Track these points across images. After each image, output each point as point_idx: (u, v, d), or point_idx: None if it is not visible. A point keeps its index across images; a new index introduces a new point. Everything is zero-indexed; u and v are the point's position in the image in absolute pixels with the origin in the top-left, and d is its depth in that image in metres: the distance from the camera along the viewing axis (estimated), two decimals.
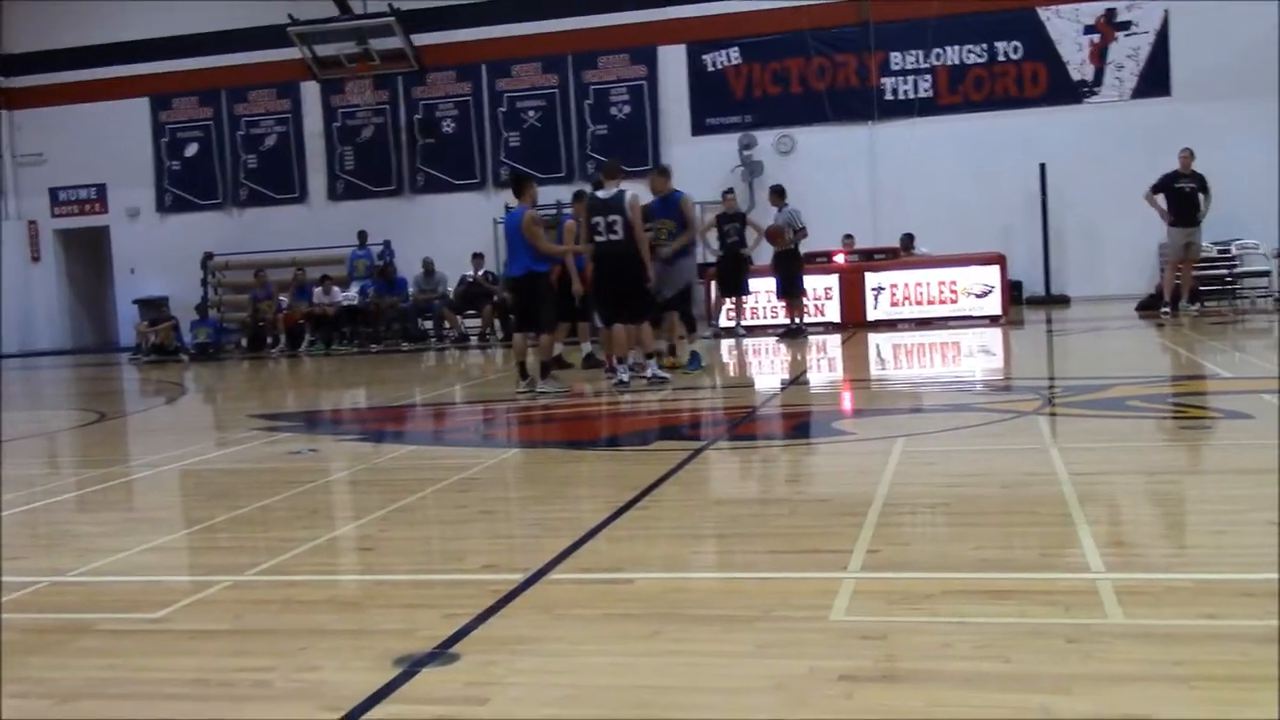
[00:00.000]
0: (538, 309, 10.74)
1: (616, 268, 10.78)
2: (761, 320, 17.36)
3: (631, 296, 10.87)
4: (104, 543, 5.51)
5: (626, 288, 10.83)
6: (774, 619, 3.69)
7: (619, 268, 10.77)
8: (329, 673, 3.44)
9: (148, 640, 3.89)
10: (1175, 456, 6.58)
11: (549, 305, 10.89)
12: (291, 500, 6.32)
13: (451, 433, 9.56)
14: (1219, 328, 14.39)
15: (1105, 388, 9.10)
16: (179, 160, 24.20)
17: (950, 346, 14.32)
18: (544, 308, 10.78)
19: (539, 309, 10.75)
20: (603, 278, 11.01)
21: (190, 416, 12.64)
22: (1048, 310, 18.63)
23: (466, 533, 5.41)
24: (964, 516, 5.10)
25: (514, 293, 11.09)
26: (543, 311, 10.77)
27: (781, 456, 7.47)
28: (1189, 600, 3.68)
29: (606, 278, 10.96)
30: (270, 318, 20.73)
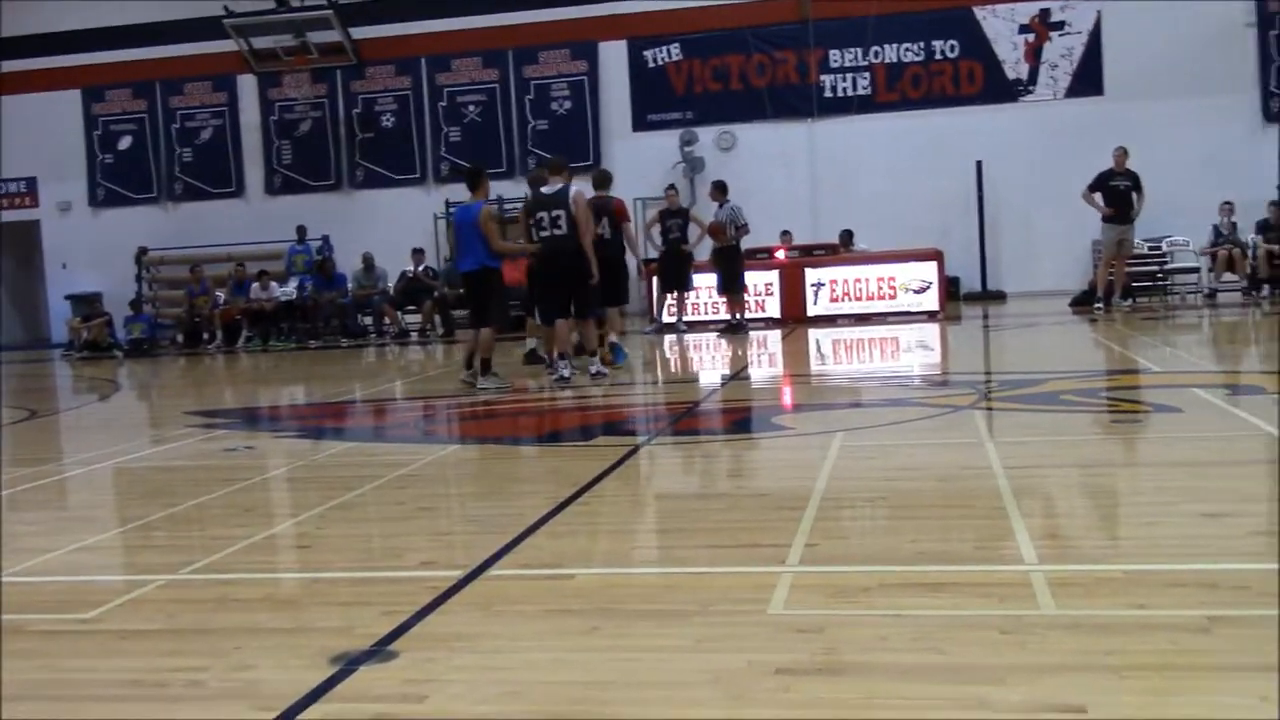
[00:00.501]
0: (488, 304, 10.70)
1: (561, 263, 10.76)
2: (703, 316, 17.41)
3: (579, 291, 10.87)
4: (35, 542, 5.42)
5: (571, 283, 10.82)
6: (712, 613, 3.71)
7: (564, 263, 10.75)
8: (264, 672, 3.41)
9: (80, 641, 3.83)
10: (1107, 450, 6.69)
11: (499, 300, 10.86)
12: (228, 498, 6.25)
13: (391, 429, 9.50)
14: (1150, 323, 14.64)
15: (1040, 382, 9.23)
16: (112, 153, 23.81)
17: (889, 342, 14.45)
18: (494, 302, 10.74)
19: (489, 304, 10.70)
20: (547, 273, 10.96)
21: (124, 414, 12.45)
22: (984, 306, 18.85)
23: (405, 529, 5.38)
24: (901, 510, 5.16)
25: (466, 288, 11.00)
26: (492, 306, 10.73)
27: (721, 452, 7.50)
28: (1120, 591, 3.75)
29: (551, 273, 10.92)
30: (206, 313, 20.47)
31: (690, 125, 21.28)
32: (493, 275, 10.65)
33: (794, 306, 17.33)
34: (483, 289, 10.66)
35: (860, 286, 17.29)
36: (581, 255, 10.76)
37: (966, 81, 20.63)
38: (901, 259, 17.41)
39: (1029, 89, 20.46)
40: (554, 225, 10.67)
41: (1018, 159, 20.01)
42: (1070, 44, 20.25)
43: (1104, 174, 16.15)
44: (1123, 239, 16.10)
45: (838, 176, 20.69)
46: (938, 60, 20.69)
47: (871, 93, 20.90)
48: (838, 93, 21.00)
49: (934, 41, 20.68)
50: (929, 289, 17.06)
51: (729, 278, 16.08)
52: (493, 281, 10.67)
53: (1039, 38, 20.35)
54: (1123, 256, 16.33)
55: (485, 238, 10.47)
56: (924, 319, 16.67)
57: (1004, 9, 20.42)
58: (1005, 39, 20.45)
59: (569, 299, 10.88)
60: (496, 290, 10.74)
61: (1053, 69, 20.34)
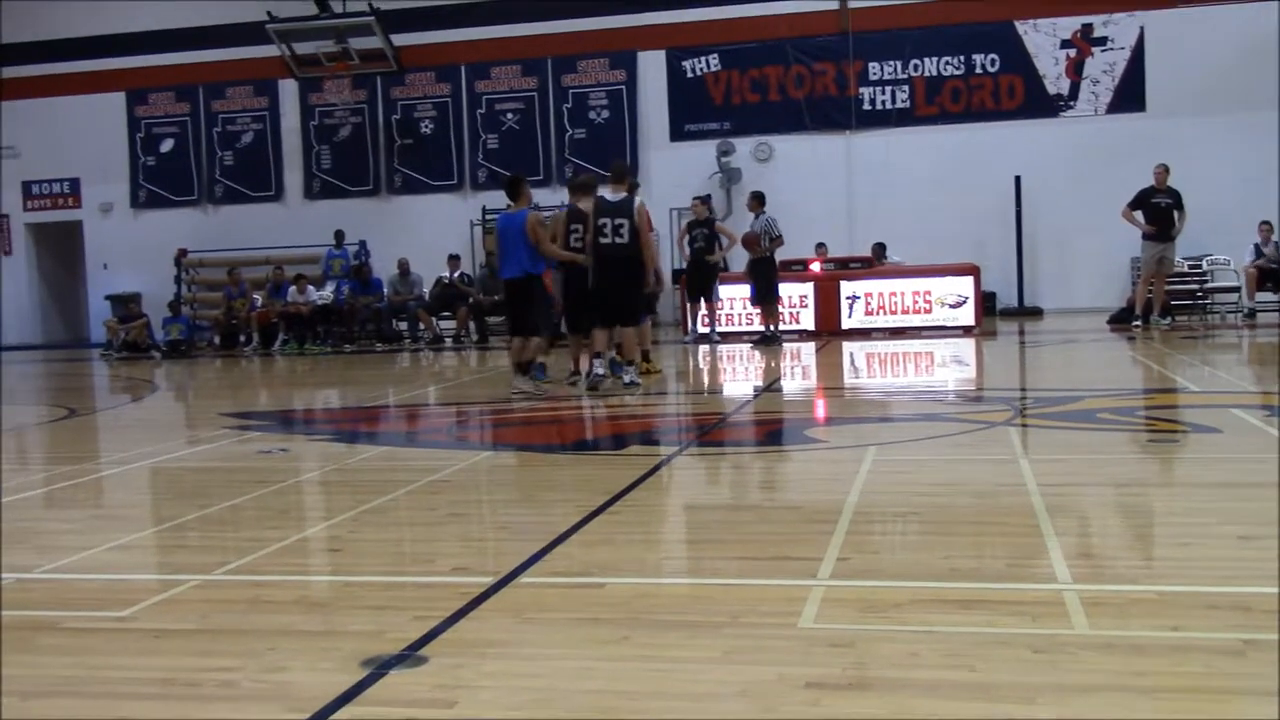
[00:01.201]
0: (531, 311, 10.75)
1: (618, 271, 10.79)
2: (737, 327, 17.39)
3: (628, 300, 10.91)
4: (71, 540, 5.47)
5: (624, 292, 10.86)
6: (742, 625, 3.70)
7: (620, 271, 10.78)
8: (296, 674, 3.43)
9: (113, 639, 3.87)
10: (1143, 469, 6.63)
11: (542, 308, 10.89)
12: (261, 500, 6.30)
13: (424, 434, 9.54)
14: (1189, 342, 14.50)
15: (1076, 400, 9.16)
16: (154, 156, 24.07)
17: (923, 356, 14.38)
18: (537, 309, 10.78)
19: (532, 311, 10.75)
20: (602, 280, 10.96)
21: (161, 414, 12.56)
22: (1021, 322, 18.74)
23: (437, 535, 5.40)
24: (934, 526, 5.13)
25: (508, 294, 11.02)
26: (535, 314, 10.78)
27: (753, 463, 7.49)
28: (1154, 612, 3.72)
29: (606, 280, 10.92)
30: (243, 316, 20.62)
31: (728, 136, 21.29)
32: (535, 282, 10.71)
33: (828, 319, 17.27)
34: (525, 296, 10.71)
35: (895, 300, 17.22)
36: (637, 264, 10.81)
37: (1006, 96, 20.53)
38: (937, 273, 17.32)
39: (1070, 104, 20.35)
40: (616, 233, 10.68)
41: (1057, 175, 19.89)
42: (1112, 59, 20.13)
43: (1145, 191, 16.02)
44: (1163, 257, 15.96)
45: (875, 189, 20.64)
46: (978, 74, 20.61)
47: (910, 106, 20.84)
48: (876, 105, 20.96)
49: (974, 55, 20.60)
50: (965, 304, 16.96)
51: (763, 289, 16.05)
52: (535, 289, 10.72)
53: (1081, 53, 20.24)
54: (1162, 274, 16.19)
55: (530, 244, 10.54)
56: (959, 334, 16.58)
57: (1046, 23, 20.32)
58: (1047, 54, 20.35)
59: (615, 307, 10.89)
60: (539, 297, 10.79)
61: (1094, 84, 20.22)
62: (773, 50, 21.15)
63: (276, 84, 23.40)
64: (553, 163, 22.14)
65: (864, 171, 20.81)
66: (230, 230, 23.17)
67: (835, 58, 21.05)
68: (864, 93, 21.01)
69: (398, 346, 19.76)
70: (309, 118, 23.39)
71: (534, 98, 22.38)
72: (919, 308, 17.12)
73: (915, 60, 20.74)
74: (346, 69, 22.54)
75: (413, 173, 22.91)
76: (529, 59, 22.29)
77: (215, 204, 23.90)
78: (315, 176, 23.39)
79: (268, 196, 23.59)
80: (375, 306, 20.36)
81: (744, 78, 21.43)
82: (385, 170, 23.08)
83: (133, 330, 20.74)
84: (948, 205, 20.08)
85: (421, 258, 20.46)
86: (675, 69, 21.70)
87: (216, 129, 23.81)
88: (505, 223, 10.87)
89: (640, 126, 21.90)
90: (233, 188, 23.74)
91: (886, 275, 17.68)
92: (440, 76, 22.75)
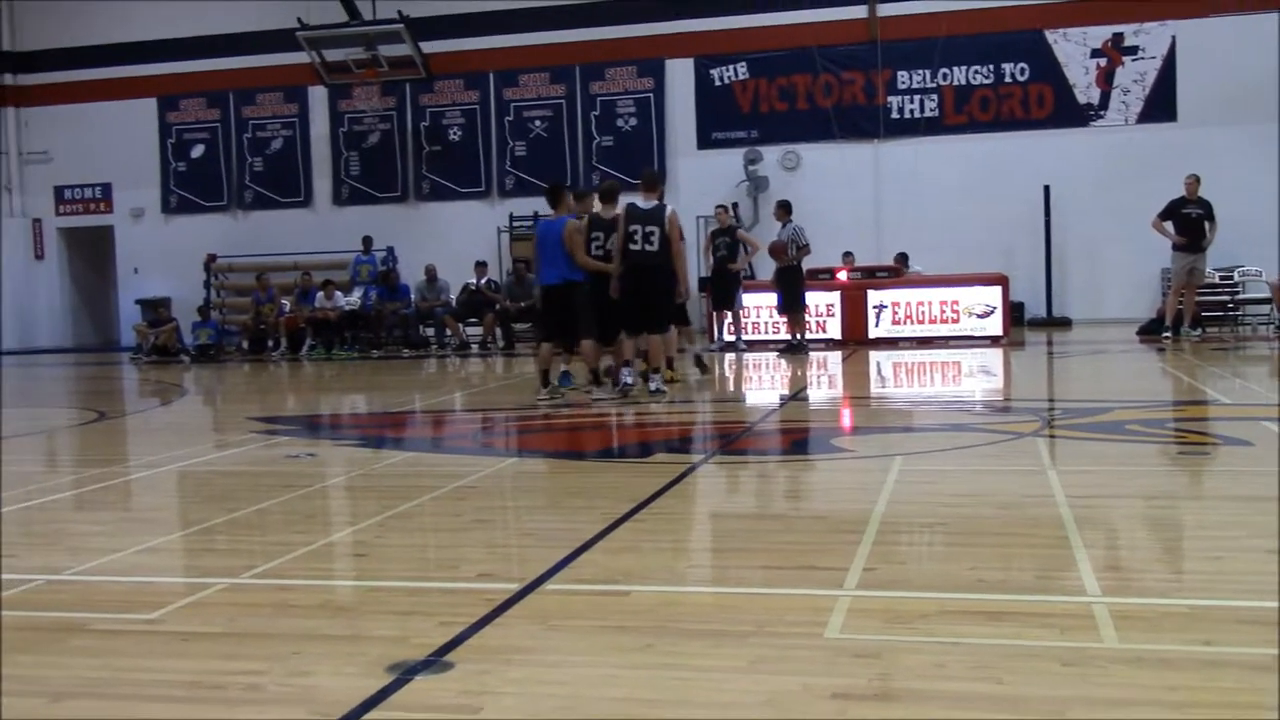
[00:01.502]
0: (574, 319, 10.76)
1: (647, 278, 10.79)
2: (763, 335, 17.36)
3: (656, 308, 10.92)
4: (100, 542, 5.51)
5: (653, 299, 10.87)
6: (768, 635, 3.68)
7: (649, 279, 10.78)
8: (321, 678, 3.43)
9: (141, 641, 3.88)
10: (1173, 481, 6.57)
11: (587, 313, 10.88)
12: (288, 504, 6.32)
13: (450, 440, 9.56)
14: (1220, 354, 14.38)
15: (1105, 411, 9.10)
16: (185, 161, 24.26)
17: (951, 366, 14.32)
18: (583, 316, 10.80)
19: (576, 318, 10.76)
20: (631, 287, 10.96)
21: (189, 418, 12.64)
22: (1049, 332, 18.64)
23: (462, 541, 5.40)
24: (961, 536, 5.10)
25: (547, 301, 11.01)
26: (581, 320, 10.79)
27: (779, 472, 7.47)
28: (1185, 626, 3.68)
29: (635, 287, 10.92)
30: (272, 321, 20.73)
31: (755, 144, 21.28)
32: (576, 289, 10.76)
33: (856, 328, 17.23)
34: (565, 303, 10.74)
35: (923, 310, 17.16)
36: (666, 272, 10.84)
37: (1036, 105, 20.45)
38: (965, 283, 17.25)
39: (1100, 114, 20.24)
40: (646, 240, 10.70)
41: (1087, 184, 19.79)
42: (1143, 69, 20.01)
43: (1175, 202, 15.91)
44: (1193, 268, 15.85)
45: (903, 198, 20.58)
46: (1007, 83, 20.53)
47: (939, 115, 20.78)
48: (905, 114, 20.91)
49: (1003, 64, 20.53)
50: (993, 314, 16.89)
51: (789, 297, 16.02)
52: (576, 295, 10.76)
53: (1111, 62, 20.13)
54: (1193, 285, 16.07)
55: (570, 252, 10.56)
56: (987, 344, 16.51)
57: (1076, 32, 20.22)
58: (1077, 63, 20.26)
59: (641, 315, 10.89)
60: (581, 304, 10.80)
61: (1125, 94, 20.11)
62: (801, 59, 21.13)
63: (306, 90, 23.55)
64: (580, 170, 22.18)
65: (892, 180, 20.75)
66: (259, 236, 23.32)
67: (864, 66, 21.01)
68: (892, 101, 20.96)
69: (424, 352, 19.82)
70: (338, 124, 23.52)
71: (562, 105, 22.44)
72: (946, 317, 17.06)
73: (944, 69, 20.68)
74: (376, 76, 22.67)
75: (441, 179, 23.00)
76: (557, 66, 22.35)
77: (245, 209, 24.06)
78: (344, 183, 23.51)
79: (297, 202, 23.73)
80: (402, 312, 20.43)
81: (772, 86, 21.41)
82: (413, 177, 23.18)
83: (162, 334, 20.89)
84: (976, 214, 20.01)
85: (449, 264, 20.53)
86: (703, 77, 21.72)
87: (247, 135, 23.98)
88: (545, 229, 10.89)
89: (668, 134, 21.92)
90: (262, 193, 23.90)
91: (914, 284, 17.62)
92: (469, 84, 22.84)
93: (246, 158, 23.97)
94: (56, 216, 25.12)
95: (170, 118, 24.31)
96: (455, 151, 22.94)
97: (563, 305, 10.76)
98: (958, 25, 20.30)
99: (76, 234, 25.18)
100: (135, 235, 24.51)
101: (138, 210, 24.49)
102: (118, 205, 24.73)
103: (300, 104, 23.72)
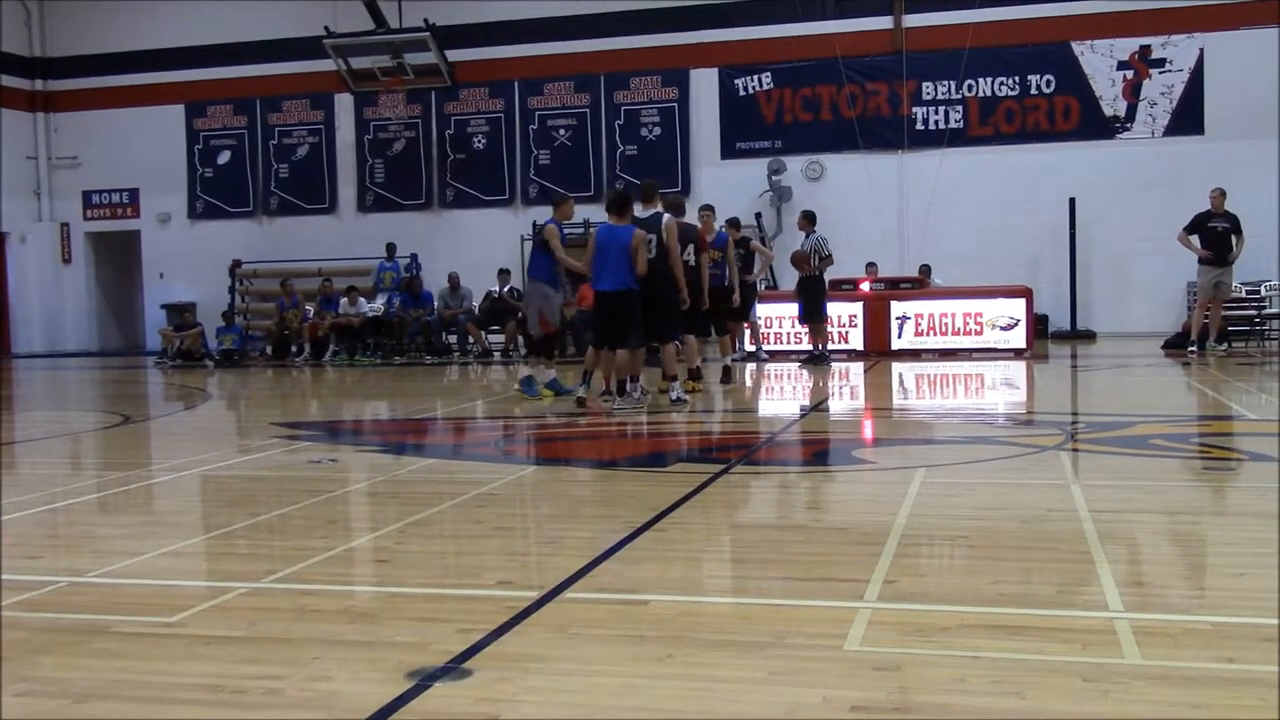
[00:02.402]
0: (629, 326, 10.78)
1: (647, 287, 10.82)
2: (785, 345, 17.34)
3: (660, 316, 10.92)
4: (123, 545, 5.54)
5: (655, 307, 10.88)
6: (787, 646, 3.67)
7: (650, 287, 10.81)
8: (341, 683, 3.44)
9: (162, 644, 3.90)
10: (1197, 497, 6.53)
11: (639, 323, 10.88)
12: (310, 509, 6.34)
13: (471, 447, 9.58)
14: (1246, 369, 14.28)
15: (1129, 425, 9.05)
16: (212, 167, 24.42)
17: (974, 378, 14.26)
18: (635, 325, 10.81)
19: (630, 326, 10.78)
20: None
21: (213, 422, 12.70)
22: (1073, 345, 18.54)
23: (483, 548, 5.41)
24: (982, 550, 5.07)
25: (604, 307, 10.99)
26: (634, 329, 10.81)
27: (800, 483, 7.45)
28: (1208, 643, 3.65)
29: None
30: (295, 326, 20.83)
31: (779, 154, 21.26)
32: (634, 298, 10.76)
33: (878, 339, 17.19)
34: (623, 310, 10.75)
35: (946, 321, 17.10)
36: (666, 279, 10.85)
37: (1062, 117, 20.38)
38: (989, 295, 17.19)
39: (1126, 126, 20.16)
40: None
41: (1112, 197, 19.70)
42: (1170, 81, 19.92)
43: (1201, 215, 15.82)
44: (1219, 282, 15.75)
45: (926, 210, 20.53)
46: (1033, 95, 20.47)
47: (964, 126, 20.73)
48: (929, 125, 20.87)
49: (1029, 76, 20.47)
50: (1016, 326, 16.82)
51: (810, 307, 15.98)
52: (634, 304, 10.77)
53: (1138, 75, 20.05)
54: (1219, 300, 15.97)
55: (632, 260, 10.60)
56: (1010, 356, 16.44)
57: (1103, 44, 20.15)
58: (1103, 75, 20.18)
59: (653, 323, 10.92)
60: (636, 312, 10.80)
61: (1151, 106, 20.02)
62: (826, 69, 21.10)
63: (332, 98, 23.68)
64: (603, 179, 22.22)
65: (916, 192, 20.71)
66: (284, 242, 23.45)
67: (888, 77, 20.98)
68: (917, 112, 20.92)
69: (447, 359, 19.87)
70: (363, 131, 23.64)
71: (586, 114, 22.49)
72: (970, 329, 17.00)
73: (969, 80, 20.63)
74: (401, 84, 22.78)
75: (465, 187, 23.08)
76: (582, 75, 22.41)
77: (270, 215, 24.20)
78: (369, 190, 23.62)
79: (321, 209, 23.85)
80: (425, 319, 20.49)
81: (796, 96, 21.41)
82: (438, 184, 23.27)
83: (187, 339, 21.01)
84: (1000, 226, 19.95)
85: (472, 272, 20.58)
86: (727, 87, 21.73)
87: (273, 141, 24.11)
88: (609, 235, 10.85)
89: (692, 144, 21.94)
90: (287, 200, 24.04)
91: (937, 296, 17.57)
92: (493, 92, 22.92)
93: (272, 164, 24.11)
94: (84, 221, 25.32)
95: (197, 124, 24.48)
96: (479, 159, 23.02)
97: (620, 312, 10.78)
98: (983, 36, 20.25)
99: (104, 238, 25.37)
100: (161, 240, 24.68)
101: (164, 215, 24.66)
102: (145, 210, 24.91)
103: (326, 111, 23.85)
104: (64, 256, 25.31)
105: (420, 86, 22.90)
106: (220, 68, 23.92)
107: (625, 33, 21.98)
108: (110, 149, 24.62)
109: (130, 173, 24.71)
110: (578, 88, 22.52)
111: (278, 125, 24.12)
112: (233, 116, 24.32)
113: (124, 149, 24.48)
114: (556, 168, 22.41)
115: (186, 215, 24.62)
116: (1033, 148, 20.39)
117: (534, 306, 12.19)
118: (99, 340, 25.35)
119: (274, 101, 24.06)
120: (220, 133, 24.41)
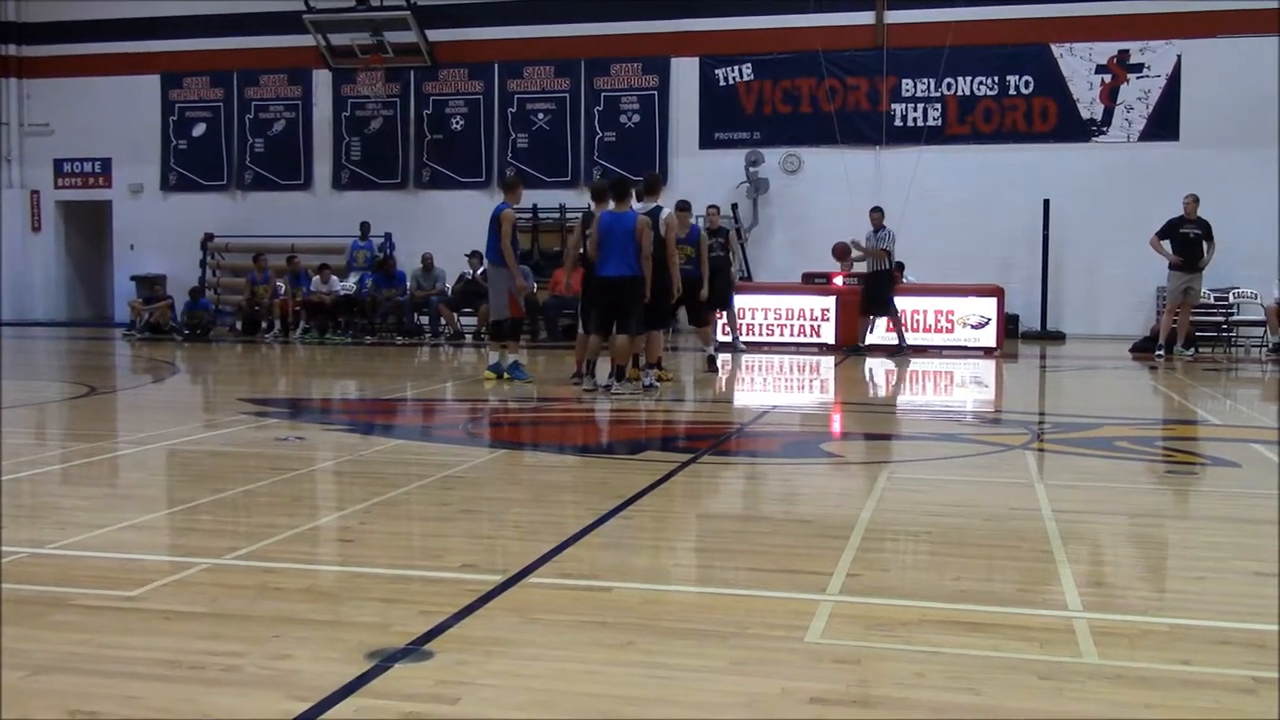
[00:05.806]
0: (631, 312, 10.81)
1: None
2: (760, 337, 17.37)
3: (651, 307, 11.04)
4: (85, 517, 5.50)
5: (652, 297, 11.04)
6: (749, 637, 3.69)
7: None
8: (301, 662, 3.44)
9: (122, 618, 3.88)
10: (1160, 500, 6.59)
11: (640, 310, 10.92)
12: (275, 487, 6.32)
13: (439, 429, 9.56)
14: (1212, 374, 14.41)
15: (1095, 426, 9.12)
16: (186, 139, 24.20)
17: (943, 376, 14.34)
18: (635, 312, 10.85)
19: (629, 312, 10.81)
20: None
21: (180, 396, 12.62)
22: (1043, 346, 18.66)
23: (448, 530, 5.41)
24: (945, 546, 5.11)
25: (607, 292, 10.99)
26: (635, 315, 10.85)
27: (768, 475, 7.48)
28: (1164, 645, 3.69)
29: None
30: (266, 302, 20.69)
31: (757, 146, 21.25)
32: (640, 284, 10.82)
33: (850, 334, 17.22)
34: (627, 295, 10.79)
35: (918, 319, 17.17)
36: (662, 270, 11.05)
37: (1039, 118, 20.46)
38: (961, 293, 17.27)
39: (1102, 130, 20.26)
40: None
41: (1086, 200, 19.80)
42: (1148, 86, 20.03)
43: (1174, 221, 15.93)
44: (1189, 287, 15.87)
45: (902, 206, 20.52)
46: (1011, 95, 20.54)
47: (942, 124, 20.78)
48: (908, 122, 20.90)
49: (1009, 76, 20.53)
50: (987, 325, 16.92)
51: (870, 300, 16.49)
52: (639, 290, 10.82)
53: (1116, 78, 20.15)
54: (1188, 305, 16.10)
55: (637, 246, 10.69)
56: (980, 355, 16.53)
57: (1082, 47, 20.23)
58: (1081, 78, 20.27)
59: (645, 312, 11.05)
60: (640, 299, 10.86)
61: (1128, 111, 20.13)
62: (806, 62, 21.10)
63: (310, 74, 23.51)
64: (581, 165, 22.16)
65: (892, 187, 20.70)
66: (257, 217, 23.29)
67: (869, 72, 21.01)
68: (896, 109, 20.96)
69: (418, 340, 19.81)
70: (341, 109, 23.48)
71: (566, 99, 22.41)
72: (941, 327, 17.08)
73: (949, 79, 20.67)
74: (380, 62, 22.64)
75: (441, 168, 22.97)
76: (562, 60, 22.32)
77: (244, 190, 24.01)
78: (344, 167, 23.47)
79: (296, 185, 23.69)
80: (397, 299, 20.40)
81: (776, 88, 21.40)
82: (414, 164, 23.14)
83: (156, 311, 20.84)
84: (975, 225, 20.02)
85: (445, 253, 20.47)
86: (708, 76, 21.70)
87: (249, 115, 23.92)
88: (613, 221, 10.86)
89: (670, 132, 21.90)
90: (262, 175, 23.86)
91: (909, 293, 17.62)
92: (473, 74, 22.81)
93: (248, 138, 23.92)
94: (55, 189, 25.04)
95: (173, 95, 24.25)
96: (457, 141, 22.90)
97: (622, 298, 10.81)
98: (964, 35, 20.28)
99: (74, 208, 25.12)
100: (133, 211, 24.44)
101: (136, 186, 24.43)
102: (117, 180, 24.65)
103: (304, 87, 23.67)
104: (34, 225, 25.04)
105: (399, 65, 22.76)
106: (198, 39, 23.68)
107: (607, 18, 21.90)
108: (84, 117, 24.34)
109: (103, 142, 24.44)
110: (558, 72, 22.44)
111: (254, 99, 23.92)
112: (209, 89, 24.09)
113: (98, 118, 24.20)
114: (534, 151, 22.34)
115: (159, 187, 24.38)
116: (1009, 148, 20.46)
117: (500, 289, 12.15)
118: (67, 310, 25.11)
119: (251, 75, 23.85)
120: (196, 105, 24.20)
